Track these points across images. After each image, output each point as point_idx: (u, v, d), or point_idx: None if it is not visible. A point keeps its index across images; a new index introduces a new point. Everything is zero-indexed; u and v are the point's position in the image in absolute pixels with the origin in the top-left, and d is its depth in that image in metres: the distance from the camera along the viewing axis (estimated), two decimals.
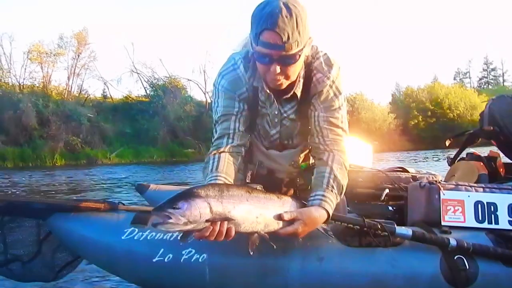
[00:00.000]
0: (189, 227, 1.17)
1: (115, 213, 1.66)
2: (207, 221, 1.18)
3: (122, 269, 1.61)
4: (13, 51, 22.99)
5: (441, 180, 2.15)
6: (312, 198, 1.43)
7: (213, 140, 1.54)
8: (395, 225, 1.50)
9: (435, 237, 1.51)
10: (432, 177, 2.24)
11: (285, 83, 1.43)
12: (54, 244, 1.75)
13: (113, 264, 1.62)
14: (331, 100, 1.50)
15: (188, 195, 1.19)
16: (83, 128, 21.41)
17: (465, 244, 1.47)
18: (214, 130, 1.56)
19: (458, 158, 2.60)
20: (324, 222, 1.42)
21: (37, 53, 23.44)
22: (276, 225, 1.33)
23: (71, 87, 25.38)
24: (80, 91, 25.97)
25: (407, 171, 2.30)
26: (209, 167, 1.44)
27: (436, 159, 15.23)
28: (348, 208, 2.06)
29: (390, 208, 2.17)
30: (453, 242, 1.47)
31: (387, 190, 2.17)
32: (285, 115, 1.56)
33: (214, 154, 1.48)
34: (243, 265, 1.45)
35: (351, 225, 1.49)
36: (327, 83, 1.49)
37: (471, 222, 1.66)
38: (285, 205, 1.37)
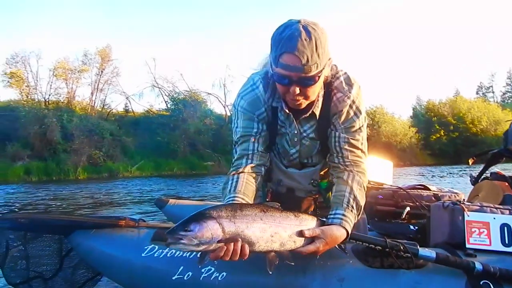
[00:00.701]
0: (201, 248, 1.17)
1: (136, 230, 1.67)
2: (220, 241, 1.18)
3: (141, 286, 1.61)
4: (39, 68, 23.46)
5: (464, 199, 2.10)
6: (332, 216, 1.41)
7: (233, 161, 1.55)
8: (418, 247, 1.47)
9: (460, 260, 1.46)
10: (455, 196, 2.19)
11: (304, 103, 1.43)
12: (75, 260, 1.78)
13: (133, 281, 1.62)
14: (351, 120, 1.50)
15: (200, 217, 1.19)
16: (106, 142, 21.70)
17: (492, 269, 1.42)
18: (234, 150, 1.57)
19: (482, 178, 2.54)
20: (342, 242, 1.40)
21: (62, 70, 23.94)
22: (293, 244, 1.30)
23: (94, 102, 25.83)
24: (103, 106, 26.43)
25: (429, 189, 2.25)
26: (227, 187, 1.45)
27: (459, 175, 14.86)
28: (368, 226, 2.03)
29: (412, 227, 2.12)
30: (478, 266, 1.43)
31: (408, 208, 2.13)
32: (304, 134, 1.56)
33: (233, 174, 1.48)
34: (263, 284, 1.44)
35: (373, 246, 1.46)
36: (348, 102, 1.48)
37: (497, 246, 1.61)
38: (303, 223, 1.34)
